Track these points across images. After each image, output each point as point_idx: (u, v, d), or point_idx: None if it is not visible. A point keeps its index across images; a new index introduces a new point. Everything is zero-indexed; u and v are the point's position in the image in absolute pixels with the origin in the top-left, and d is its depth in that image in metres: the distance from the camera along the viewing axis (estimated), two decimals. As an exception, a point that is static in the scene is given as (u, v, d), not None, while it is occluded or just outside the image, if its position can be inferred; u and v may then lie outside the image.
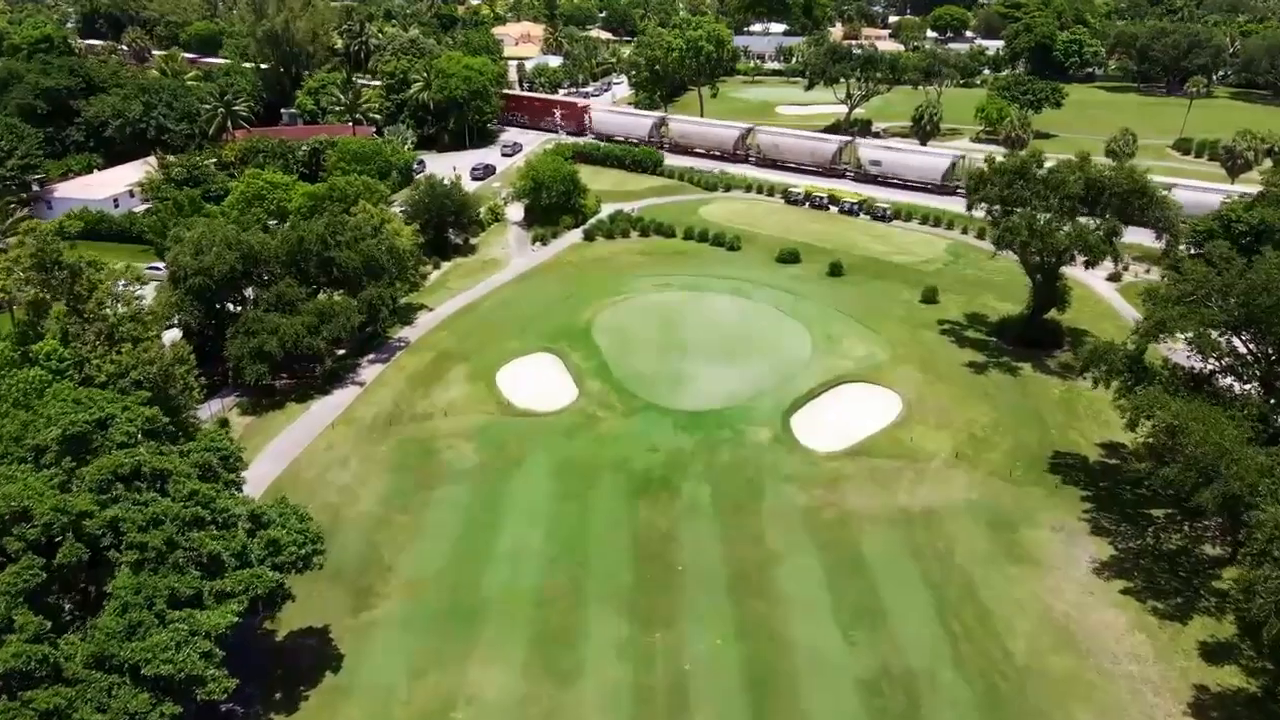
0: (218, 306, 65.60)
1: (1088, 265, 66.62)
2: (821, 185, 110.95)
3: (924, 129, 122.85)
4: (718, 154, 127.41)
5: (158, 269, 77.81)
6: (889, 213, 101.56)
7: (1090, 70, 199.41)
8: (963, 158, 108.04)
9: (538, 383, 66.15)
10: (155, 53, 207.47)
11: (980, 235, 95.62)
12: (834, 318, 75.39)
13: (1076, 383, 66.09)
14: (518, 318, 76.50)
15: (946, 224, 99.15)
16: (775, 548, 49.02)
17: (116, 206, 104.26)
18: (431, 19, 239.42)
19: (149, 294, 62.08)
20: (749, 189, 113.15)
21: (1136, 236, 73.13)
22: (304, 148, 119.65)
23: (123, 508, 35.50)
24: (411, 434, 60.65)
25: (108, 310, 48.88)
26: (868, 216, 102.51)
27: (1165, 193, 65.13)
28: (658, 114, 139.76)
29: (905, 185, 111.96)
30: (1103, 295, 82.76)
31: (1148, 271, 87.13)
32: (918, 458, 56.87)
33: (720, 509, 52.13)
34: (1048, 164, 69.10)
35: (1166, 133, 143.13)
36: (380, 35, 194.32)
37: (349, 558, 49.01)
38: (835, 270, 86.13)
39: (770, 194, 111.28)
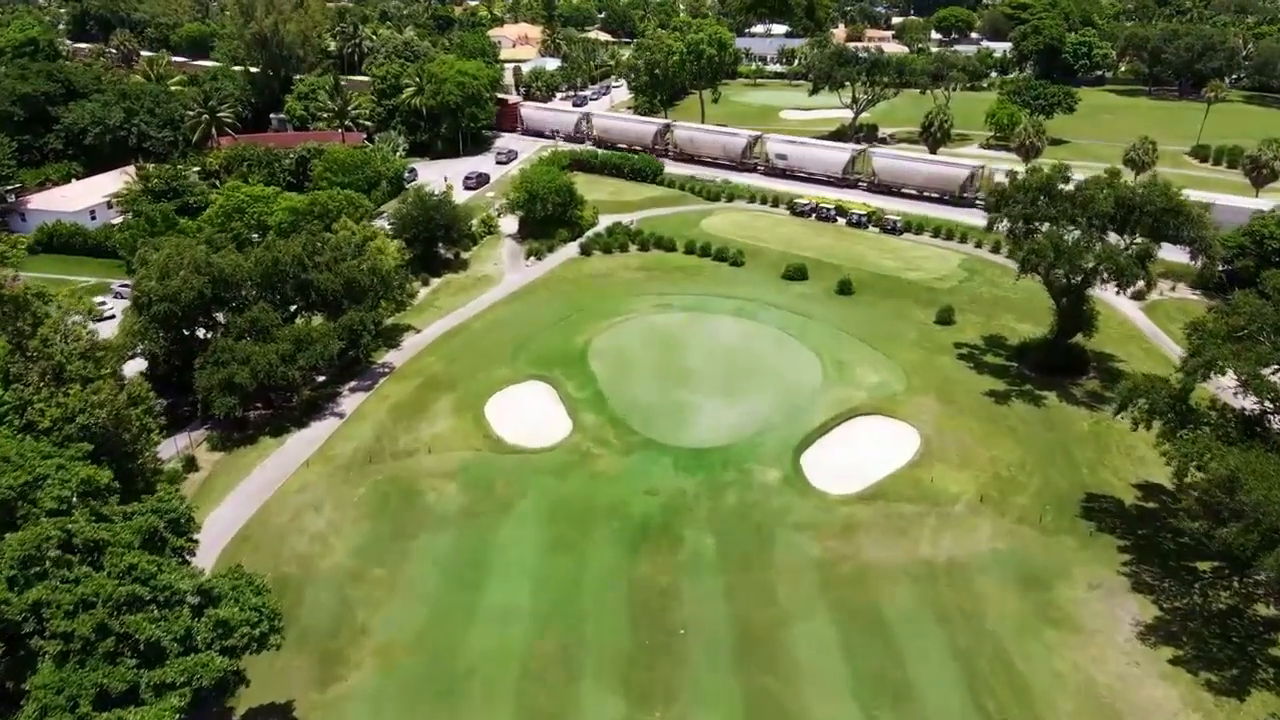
0: (185, 334, 61.09)
1: (1120, 289, 62.12)
2: (829, 196, 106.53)
3: (934, 136, 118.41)
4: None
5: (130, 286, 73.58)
6: (899, 225, 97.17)
7: (1100, 73, 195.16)
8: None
9: (529, 415, 61.77)
10: (145, 54, 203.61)
11: (995, 249, 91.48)
12: (844, 342, 71.01)
13: (1105, 414, 62.02)
14: (509, 341, 72.11)
15: (960, 237, 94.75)
16: (786, 608, 44.65)
17: (94, 219, 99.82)
18: (428, 20, 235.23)
19: (118, 312, 57.64)
20: (752, 199, 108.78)
21: (1160, 251, 68.85)
22: (290, 156, 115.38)
23: (47, 587, 31.15)
24: (392, 473, 56.26)
25: (55, 348, 44.41)
26: (877, 229, 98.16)
27: (1203, 211, 60.58)
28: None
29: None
30: (1127, 315, 78.43)
31: (1173, 289, 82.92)
32: (939, 501, 52.49)
33: (726, 562, 47.75)
34: (1073, 178, 64.80)
35: (1182, 138, 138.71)
36: (374, 38, 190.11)
37: (319, 618, 44.66)
38: (844, 288, 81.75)
39: (775, 204, 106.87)
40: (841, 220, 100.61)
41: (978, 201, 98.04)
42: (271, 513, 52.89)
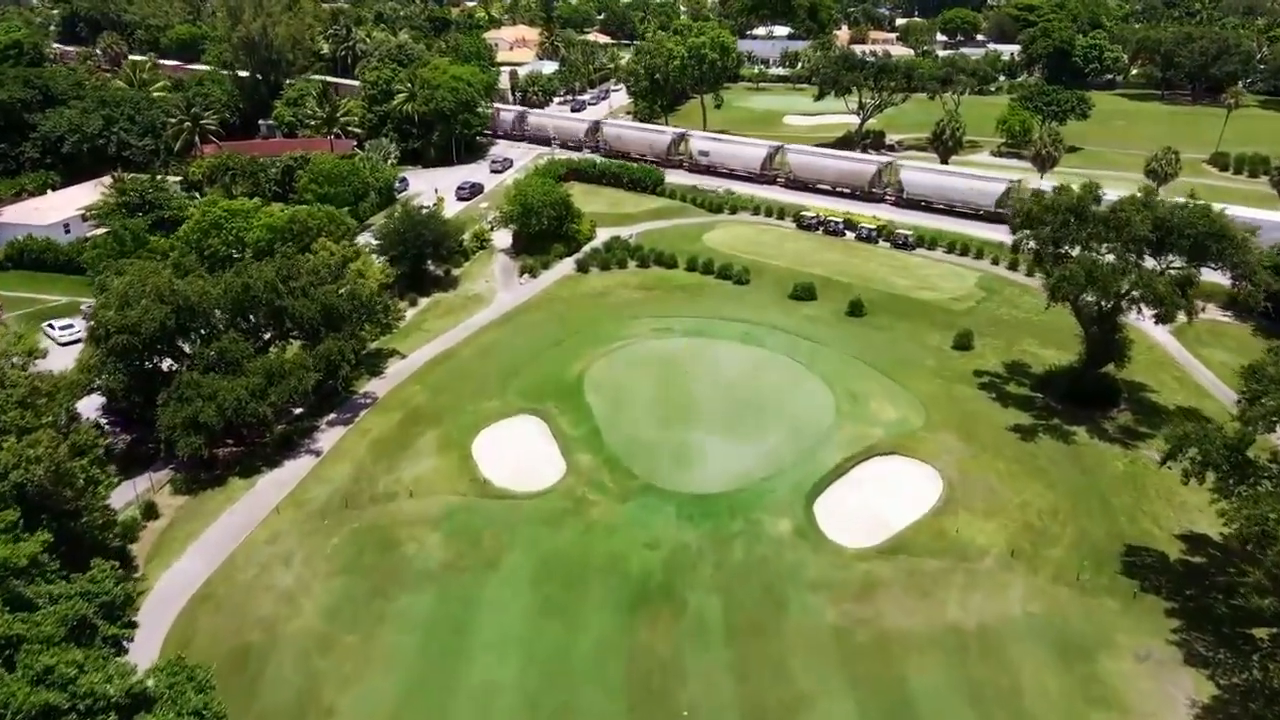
0: (148, 366, 56.56)
1: (1158, 320, 57.58)
2: (837, 209, 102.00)
3: (945, 144, 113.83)
4: (743, 174, 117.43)
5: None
6: (911, 240, 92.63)
7: (1110, 77, 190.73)
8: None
9: (519, 454, 57.26)
10: (132, 58, 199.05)
11: (1013, 267, 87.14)
12: (857, 370, 66.50)
13: (1140, 451, 57.62)
14: (500, 369, 67.62)
15: (975, 253, 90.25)
16: (801, 685, 40.14)
17: (68, 232, 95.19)
18: (424, 22, 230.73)
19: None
20: (757, 211, 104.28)
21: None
22: (276, 166, 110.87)
23: (-54, 699, 26.71)
24: (370, 520, 51.75)
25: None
26: (888, 244, 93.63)
27: (1249, 235, 56.09)
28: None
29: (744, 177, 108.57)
30: (1155, 339, 73.81)
31: (1203, 309, 78.18)
32: (966, 555, 47.98)
33: (733, 629, 43.25)
34: (1105, 197, 60.34)
35: (1199, 145, 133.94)
36: (367, 40, 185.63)
37: (281, 696, 40.19)
38: (855, 310, 77.27)
39: (780, 216, 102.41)
40: (850, 234, 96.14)
41: (778, 179, 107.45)
42: (237, 567, 48.41)
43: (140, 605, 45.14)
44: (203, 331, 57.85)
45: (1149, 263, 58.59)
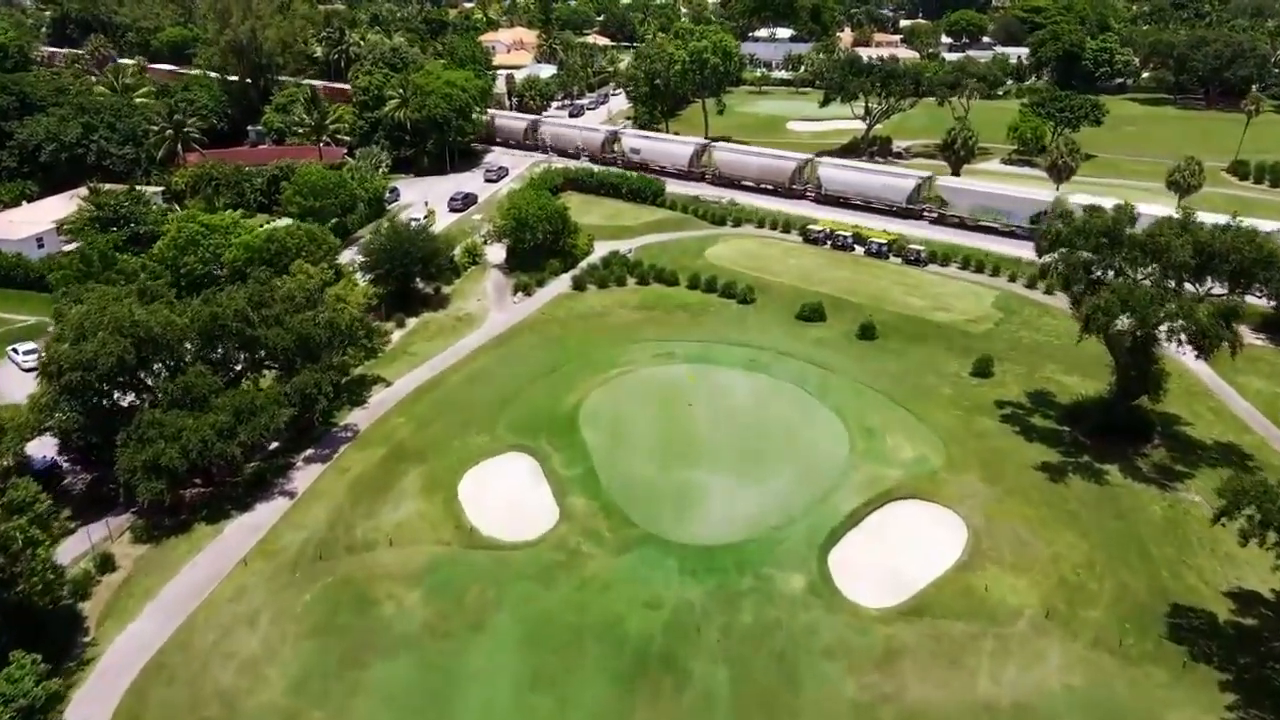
0: (106, 404, 52.32)
1: (1201, 355, 53.38)
2: (845, 221, 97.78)
3: (956, 153, 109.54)
4: (672, 171, 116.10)
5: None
6: (923, 256, 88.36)
7: (1120, 80, 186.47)
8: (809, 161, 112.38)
9: (509, 497, 53.07)
10: (121, 61, 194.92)
11: (1031, 285, 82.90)
12: (871, 401, 62.33)
13: (1179, 494, 53.47)
14: (490, 399, 63.45)
15: (992, 270, 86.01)
16: (819, 775, 36.02)
17: (41, 246, 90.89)
18: (420, 24, 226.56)
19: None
20: (761, 224, 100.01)
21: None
22: (261, 176, 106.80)
23: None
24: (346, 573, 47.57)
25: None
26: (899, 260, 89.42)
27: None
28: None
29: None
30: (1187, 364, 69.39)
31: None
32: (997, 617, 43.79)
33: (742, 705, 39.06)
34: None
35: (1216, 152, 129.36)
36: (361, 43, 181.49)
37: (239, 787, 36.06)
38: (867, 332, 73.08)
39: (786, 230, 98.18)
40: (859, 249, 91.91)
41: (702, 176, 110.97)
42: (197, 629, 44.21)
43: (87, 676, 41.26)
44: (169, 364, 53.59)
45: (1187, 288, 54.48)
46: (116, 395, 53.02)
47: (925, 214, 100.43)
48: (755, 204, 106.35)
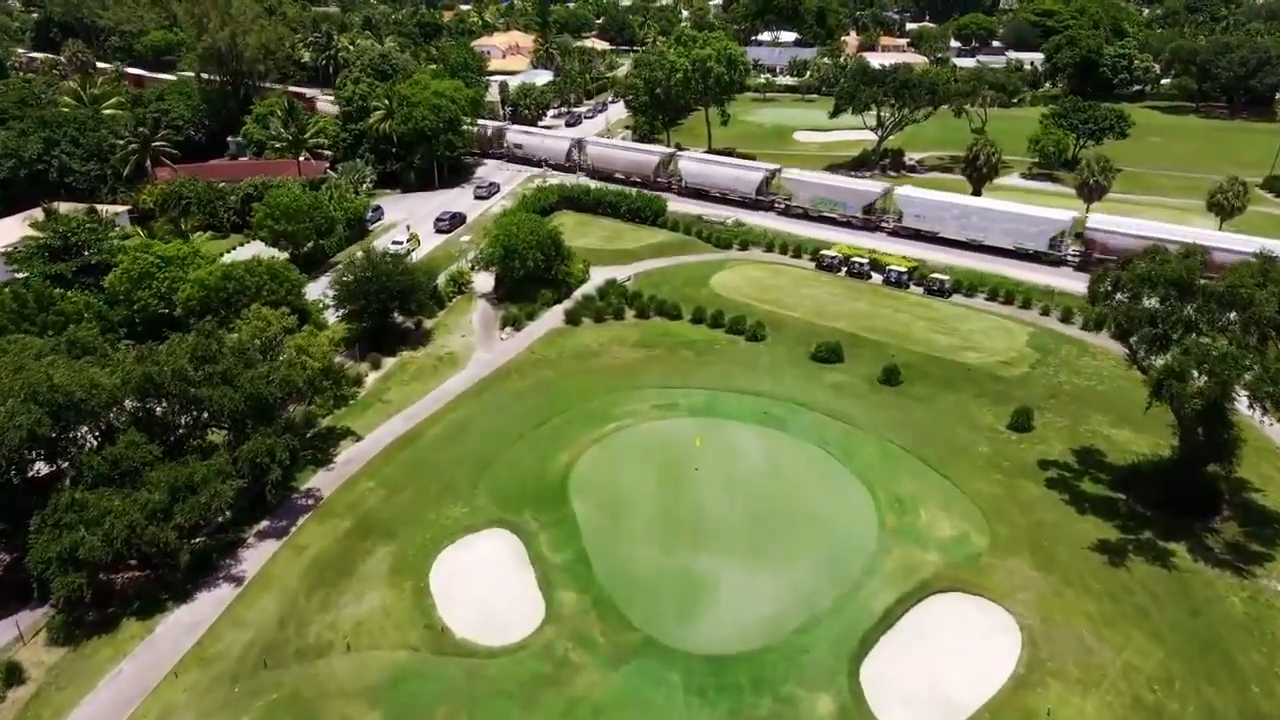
0: (17, 480, 45.21)
1: (1287, 423, 46.40)
2: (861, 245, 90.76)
3: (979, 170, 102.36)
4: (552, 165, 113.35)
5: None
6: (948, 286, 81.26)
7: (1138, 88, 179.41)
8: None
9: (488, 587, 46.03)
10: (101, 65, 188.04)
11: (1066, 319, 76.00)
12: (900, 463, 55.28)
13: (1260, 580, 46.43)
14: (471, 459, 56.42)
15: (1022, 302, 78.91)
16: None
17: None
18: (414, 28, 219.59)
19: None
20: (770, 247, 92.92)
21: None
22: (235, 194, 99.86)
23: None
24: (293, 687, 40.50)
25: None
26: (920, 290, 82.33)
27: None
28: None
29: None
30: (1245, 415, 62.47)
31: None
32: (1064, 753, 36.79)
33: None
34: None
35: (1246, 166, 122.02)
36: (350, 48, 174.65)
37: None
38: (890, 377, 66.03)
39: (797, 254, 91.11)
40: (876, 277, 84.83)
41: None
42: (112, 765, 37.21)
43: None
44: (95, 432, 46.56)
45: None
46: (25, 475, 45.73)
47: (775, 205, 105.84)
48: (763, 225, 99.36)
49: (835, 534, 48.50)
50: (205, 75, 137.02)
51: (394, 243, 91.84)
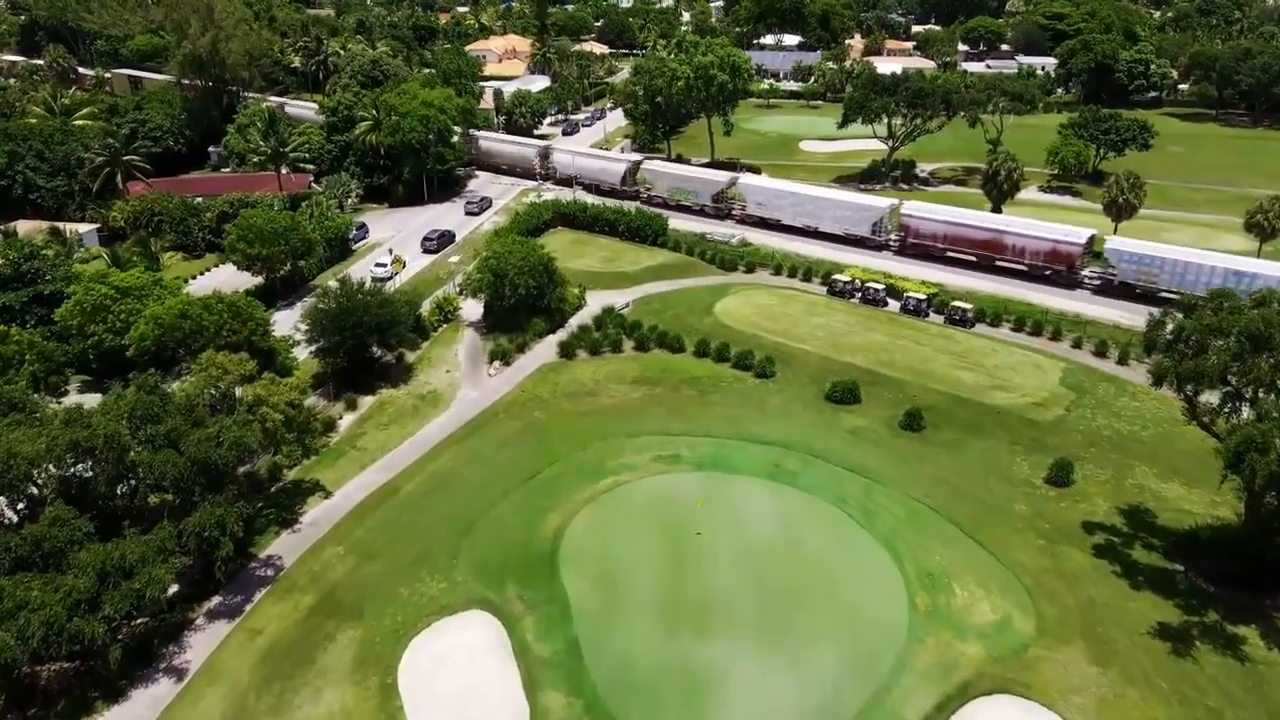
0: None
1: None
2: (875, 268, 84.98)
3: (1000, 186, 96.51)
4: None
5: None
6: (970, 316, 75.48)
7: (1154, 94, 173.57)
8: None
9: (465, 685, 40.19)
10: (83, 70, 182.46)
11: (1101, 353, 70.24)
12: (928, 526, 49.53)
13: (1344, 674, 40.52)
14: (451, 521, 50.67)
15: (1052, 333, 73.17)
16: None
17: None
18: (408, 31, 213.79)
19: None
20: (778, 270, 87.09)
21: None
22: (210, 211, 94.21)
23: None
24: (235, 814, 34.78)
25: None
26: (941, 319, 76.56)
27: None
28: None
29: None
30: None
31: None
32: None
33: None
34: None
35: (1273, 178, 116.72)
36: (340, 53, 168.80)
37: None
38: (913, 421, 60.27)
39: (807, 277, 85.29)
40: (893, 304, 79.06)
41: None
42: None
43: None
44: (15, 504, 40.82)
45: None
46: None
47: (639, 194, 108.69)
48: (769, 244, 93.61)
49: (859, 618, 42.68)
50: (186, 82, 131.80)
51: (376, 265, 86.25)
